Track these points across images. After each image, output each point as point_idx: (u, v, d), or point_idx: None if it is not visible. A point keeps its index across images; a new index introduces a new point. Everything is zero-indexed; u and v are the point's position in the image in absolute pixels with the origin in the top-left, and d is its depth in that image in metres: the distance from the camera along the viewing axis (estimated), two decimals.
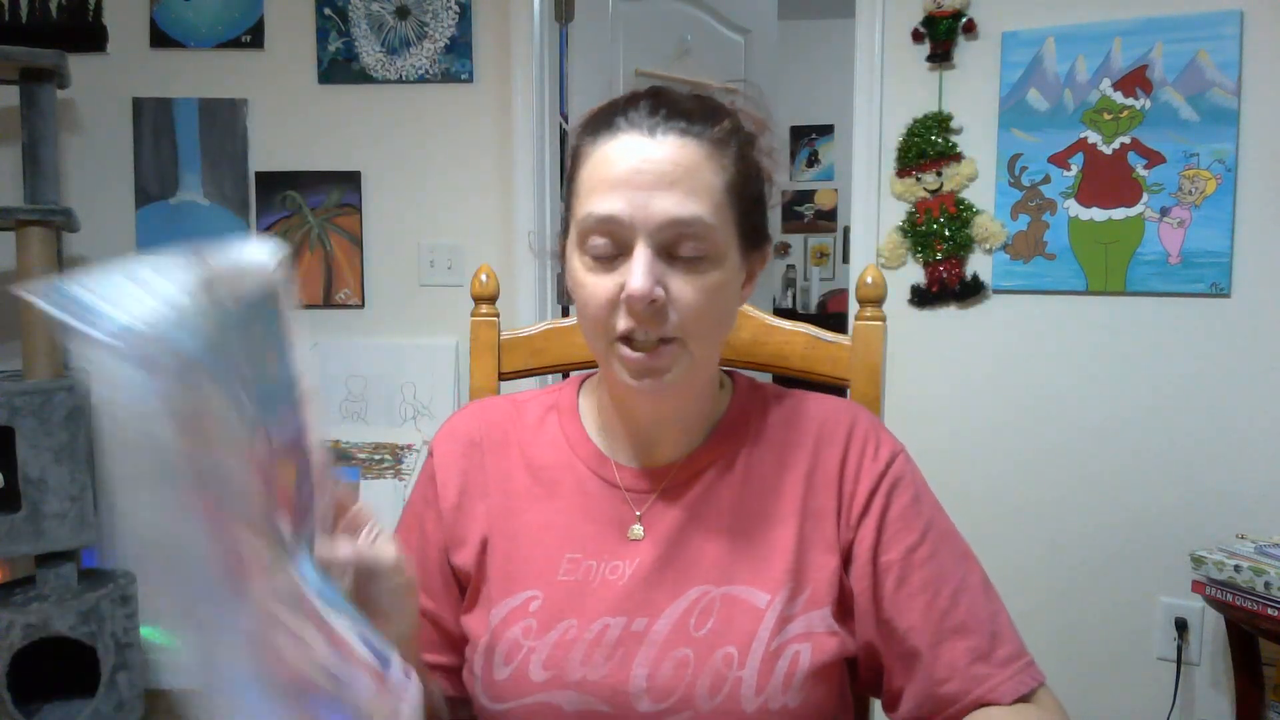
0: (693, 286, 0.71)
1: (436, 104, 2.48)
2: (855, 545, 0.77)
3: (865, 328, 1.00)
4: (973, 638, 0.75)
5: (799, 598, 0.75)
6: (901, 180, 2.21)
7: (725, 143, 0.74)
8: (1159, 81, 1.99)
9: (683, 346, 0.73)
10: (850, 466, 0.79)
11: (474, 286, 1.08)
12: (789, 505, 0.78)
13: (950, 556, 0.78)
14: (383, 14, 2.47)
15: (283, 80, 2.51)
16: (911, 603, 0.75)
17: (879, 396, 0.99)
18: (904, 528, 0.77)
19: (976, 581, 0.78)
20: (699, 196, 0.70)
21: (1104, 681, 2.11)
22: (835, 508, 0.78)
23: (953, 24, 2.14)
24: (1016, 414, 2.17)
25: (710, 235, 0.71)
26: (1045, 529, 2.14)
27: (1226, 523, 1.93)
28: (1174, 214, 1.99)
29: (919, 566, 0.76)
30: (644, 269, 0.69)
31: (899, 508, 0.78)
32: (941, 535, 0.79)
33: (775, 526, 0.78)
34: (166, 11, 2.50)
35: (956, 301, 2.20)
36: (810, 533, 0.78)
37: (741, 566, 0.76)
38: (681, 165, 0.70)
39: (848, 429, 0.81)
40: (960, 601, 0.76)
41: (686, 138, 0.71)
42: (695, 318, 0.72)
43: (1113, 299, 2.07)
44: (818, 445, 0.80)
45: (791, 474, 0.79)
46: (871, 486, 0.78)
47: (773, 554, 0.76)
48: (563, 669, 0.74)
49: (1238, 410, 1.97)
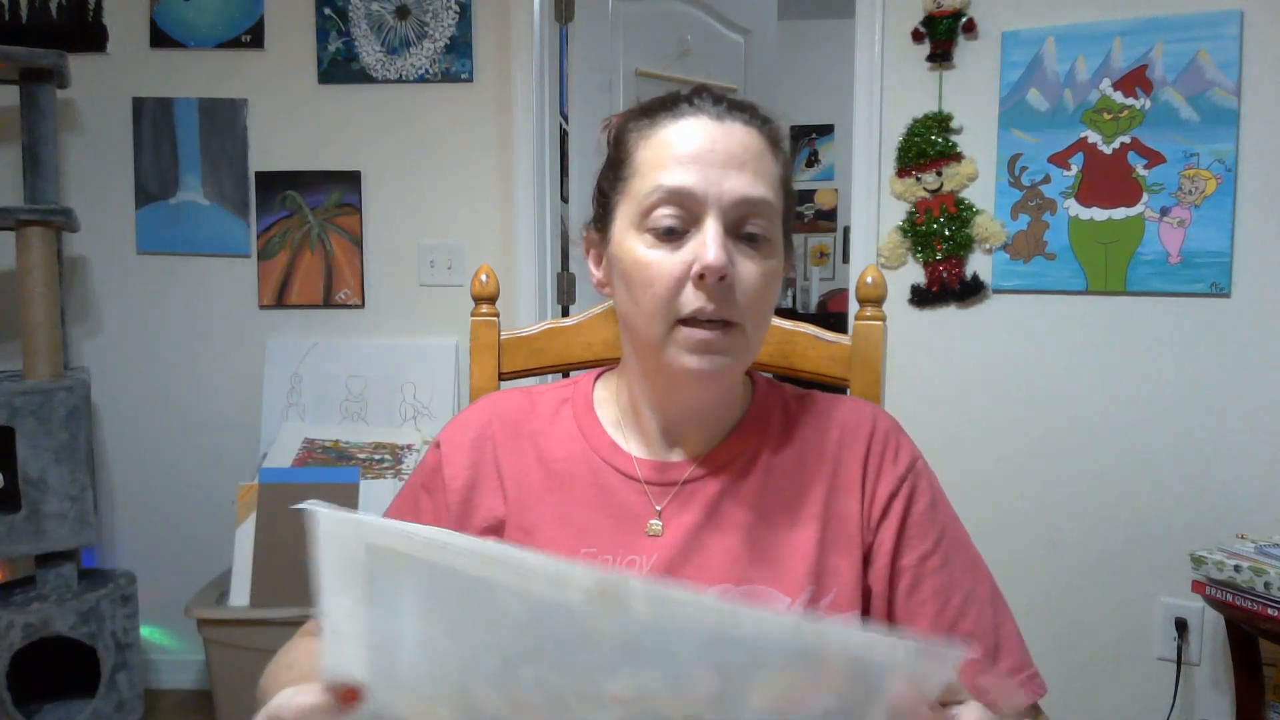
0: (757, 268, 0.73)
1: (436, 104, 2.48)
2: (875, 548, 0.78)
3: (865, 327, 1.00)
4: (980, 646, 0.75)
5: (821, 601, 0.75)
6: (901, 180, 2.21)
7: (777, 141, 0.77)
8: (1159, 81, 1.99)
9: (742, 332, 0.73)
10: (871, 468, 0.79)
11: (474, 286, 1.08)
12: (812, 507, 0.78)
13: (961, 566, 0.78)
14: (383, 14, 2.47)
15: (283, 80, 2.51)
16: (921, 610, 0.76)
17: (879, 396, 0.99)
18: (920, 534, 0.78)
19: (985, 593, 0.78)
20: (765, 180, 0.73)
21: (1104, 681, 2.11)
22: (858, 510, 0.78)
23: (953, 24, 2.14)
24: (1016, 413, 2.17)
25: (774, 219, 0.74)
26: (1045, 528, 2.14)
27: (1226, 523, 1.93)
28: (1174, 214, 1.99)
29: (931, 574, 0.76)
30: (719, 243, 0.70)
31: (918, 513, 0.78)
32: (954, 543, 0.79)
33: (797, 528, 0.77)
34: (166, 11, 2.50)
35: (956, 301, 2.20)
36: (833, 535, 0.77)
37: (761, 567, 0.76)
38: (750, 150, 0.73)
39: (869, 431, 0.81)
40: (968, 612, 0.76)
41: (750, 127, 0.75)
42: (757, 299, 0.73)
43: (1113, 299, 2.07)
44: (840, 447, 0.80)
45: (814, 475, 0.79)
46: (892, 489, 0.78)
47: (793, 555, 0.76)
48: None
49: (1238, 410, 1.97)
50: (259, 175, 2.52)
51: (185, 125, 2.52)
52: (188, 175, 2.53)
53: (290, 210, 2.52)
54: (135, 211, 2.54)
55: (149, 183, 2.53)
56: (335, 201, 2.52)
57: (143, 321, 2.57)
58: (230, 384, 2.51)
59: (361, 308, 2.53)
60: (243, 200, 2.52)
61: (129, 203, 2.54)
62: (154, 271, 2.56)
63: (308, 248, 2.53)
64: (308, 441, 2.35)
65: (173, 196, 2.53)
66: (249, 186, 2.52)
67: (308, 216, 2.52)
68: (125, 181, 2.53)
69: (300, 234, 2.52)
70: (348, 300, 2.53)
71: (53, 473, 2.10)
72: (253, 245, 2.53)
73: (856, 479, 0.79)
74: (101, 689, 2.16)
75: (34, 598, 2.12)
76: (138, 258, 2.56)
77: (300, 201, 2.52)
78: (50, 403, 2.09)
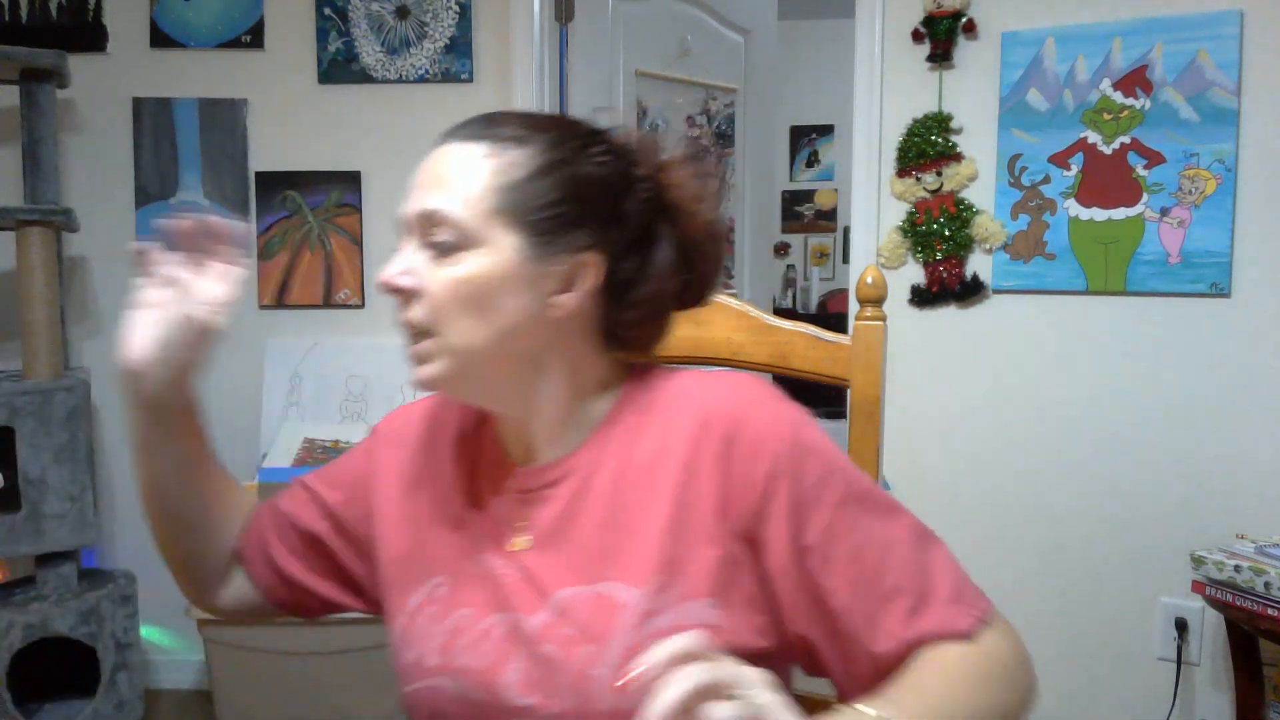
0: (441, 276, 0.74)
1: (436, 104, 2.48)
2: (765, 533, 0.74)
3: (865, 328, 1.00)
4: (906, 597, 0.72)
5: (669, 591, 0.73)
6: (901, 180, 2.21)
7: (504, 143, 0.75)
8: (1159, 81, 1.99)
9: (440, 338, 0.74)
10: (742, 449, 0.75)
11: None
12: (663, 494, 0.75)
13: (873, 517, 0.74)
14: (383, 14, 2.47)
15: (283, 80, 2.51)
16: (841, 578, 0.72)
17: (879, 396, 0.99)
18: (817, 504, 0.73)
19: (903, 534, 0.74)
20: (455, 191, 0.74)
21: (1104, 681, 2.11)
22: (719, 495, 0.74)
23: (953, 24, 2.14)
24: (1016, 414, 2.17)
25: (461, 226, 0.73)
26: (1045, 529, 2.14)
27: (1226, 523, 1.93)
28: (1174, 214, 1.99)
29: (840, 539, 0.73)
30: (397, 259, 0.75)
31: (809, 484, 0.74)
32: (859, 498, 0.75)
33: (650, 519, 0.75)
34: (166, 11, 2.50)
35: (956, 301, 2.20)
36: (686, 522, 0.74)
37: (612, 563, 0.75)
38: (454, 164, 0.75)
39: (735, 411, 0.77)
40: (888, 562, 0.73)
41: (469, 141, 0.75)
42: (444, 302, 0.73)
43: (1113, 299, 2.07)
44: (701, 430, 0.76)
45: (669, 462, 0.76)
46: (771, 469, 0.74)
47: (644, 546, 0.74)
48: (451, 656, 0.77)
49: (1238, 410, 1.97)
50: (259, 175, 2.52)
51: (185, 125, 2.52)
52: (188, 175, 2.53)
53: (290, 210, 2.52)
54: (135, 211, 2.54)
55: (149, 183, 2.53)
56: (335, 201, 2.52)
57: None
58: (230, 384, 2.51)
59: (361, 308, 2.53)
60: (243, 200, 2.52)
61: (129, 203, 2.54)
62: None
63: (308, 248, 2.53)
64: (308, 441, 2.35)
65: (173, 196, 2.53)
66: (249, 186, 2.52)
67: (308, 216, 2.52)
68: (125, 181, 2.53)
69: (300, 234, 2.52)
70: (348, 300, 2.53)
71: (53, 473, 2.09)
72: (253, 245, 2.53)
73: (718, 463, 0.75)
74: (101, 689, 2.16)
75: (34, 598, 2.12)
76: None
77: (300, 201, 2.52)
78: (50, 403, 2.09)
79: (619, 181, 0.78)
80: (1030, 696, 0.72)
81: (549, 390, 0.79)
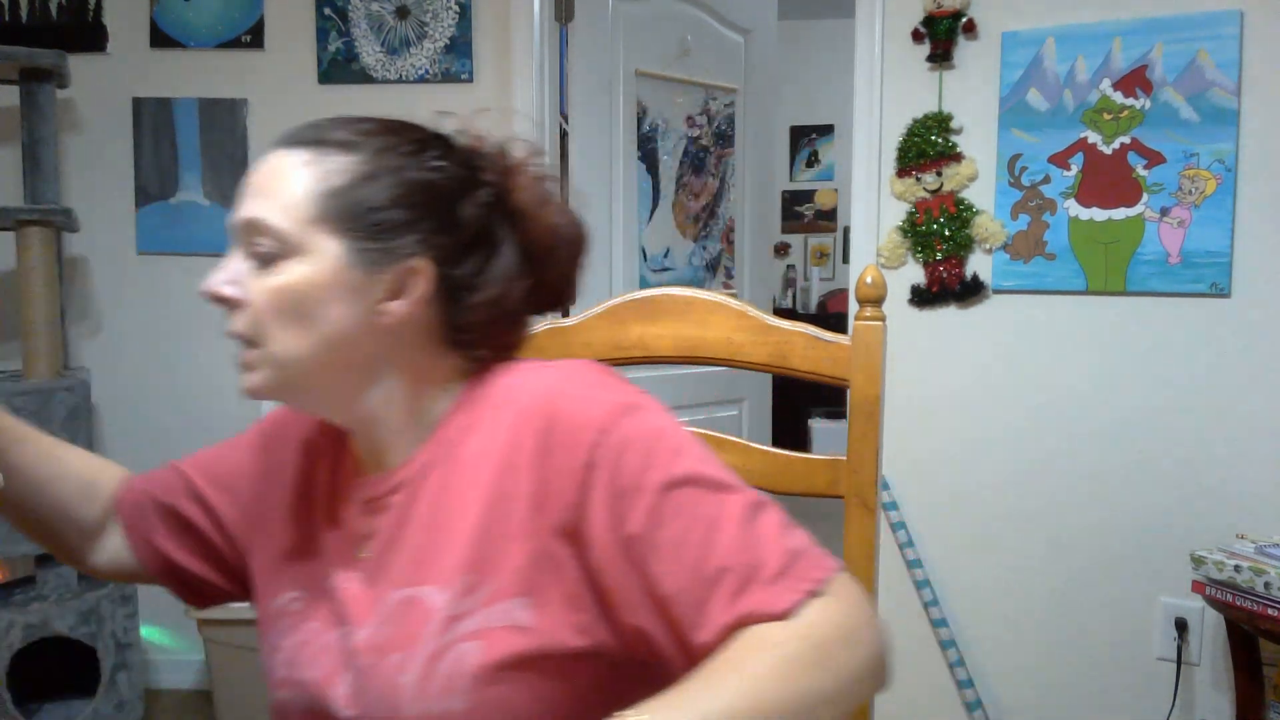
0: (263, 285, 0.73)
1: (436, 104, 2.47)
2: (586, 527, 0.70)
3: (865, 328, 1.00)
4: (732, 578, 0.66)
5: (478, 592, 0.71)
6: (901, 180, 2.21)
7: (341, 150, 0.74)
8: (1159, 81, 1.99)
9: (262, 349, 0.74)
10: (557, 442, 0.72)
11: None
12: (479, 492, 0.73)
13: (698, 497, 0.69)
14: (383, 14, 2.47)
15: (283, 80, 2.51)
16: (667, 565, 0.68)
17: (879, 396, 0.99)
18: (638, 491, 0.69)
19: (733, 511, 0.69)
20: (274, 199, 0.73)
21: (1104, 681, 2.11)
22: (534, 490, 0.72)
23: (953, 24, 2.14)
24: (1016, 414, 2.17)
25: (281, 234, 0.72)
26: (1045, 528, 2.14)
27: (1226, 523, 1.93)
28: (1174, 214, 1.99)
29: (666, 523, 0.68)
30: (221, 267, 0.74)
31: (628, 473, 0.70)
32: (685, 480, 0.70)
33: (463, 517, 0.73)
34: (166, 11, 2.50)
35: (956, 301, 2.20)
36: (499, 519, 0.72)
37: (429, 564, 0.74)
38: (274, 173, 0.74)
39: (552, 402, 0.74)
40: (715, 542, 0.67)
41: (290, 148, 0.75)
42: (265, 313, 0.73)
43: (1113, 299, 2.07)
44: (520, 423, 0.74)
45: (489, 459, 0.74)
46: (587, 459, 0.70)
47: (455, 546, 0.73)
48: (294, 670, 0.78)
49: (1238, 410, 1.97)
50: None
51: (185, 125, 2.52)
52: (188, 175, 2.53)
53: None
54: (135, 211, 2.54)
55: (149, 183, 2.53)
56: None
57: (143, 321, 2.57)
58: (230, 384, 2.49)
59: None
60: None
61: (129, 203, 2.54)
62: (154, 271, 2.56)
63: None
64: None
65: (173, 196, 2.53)
66: None
67: None
68: (125, 181, 2.54)
69: None
70: None
71: None
72: None
73: (533, 455, 0.72)
74: (101, 689, 2.16)
75: (34, 598, 2.12)
76: (138, 258, 2.56)
77: None
78: (50, 403, 2.09)
79: (456, 186, 0.77)
80: (857, 673, 0.65)
81: (388, 397, 0.77)
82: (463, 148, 0.80)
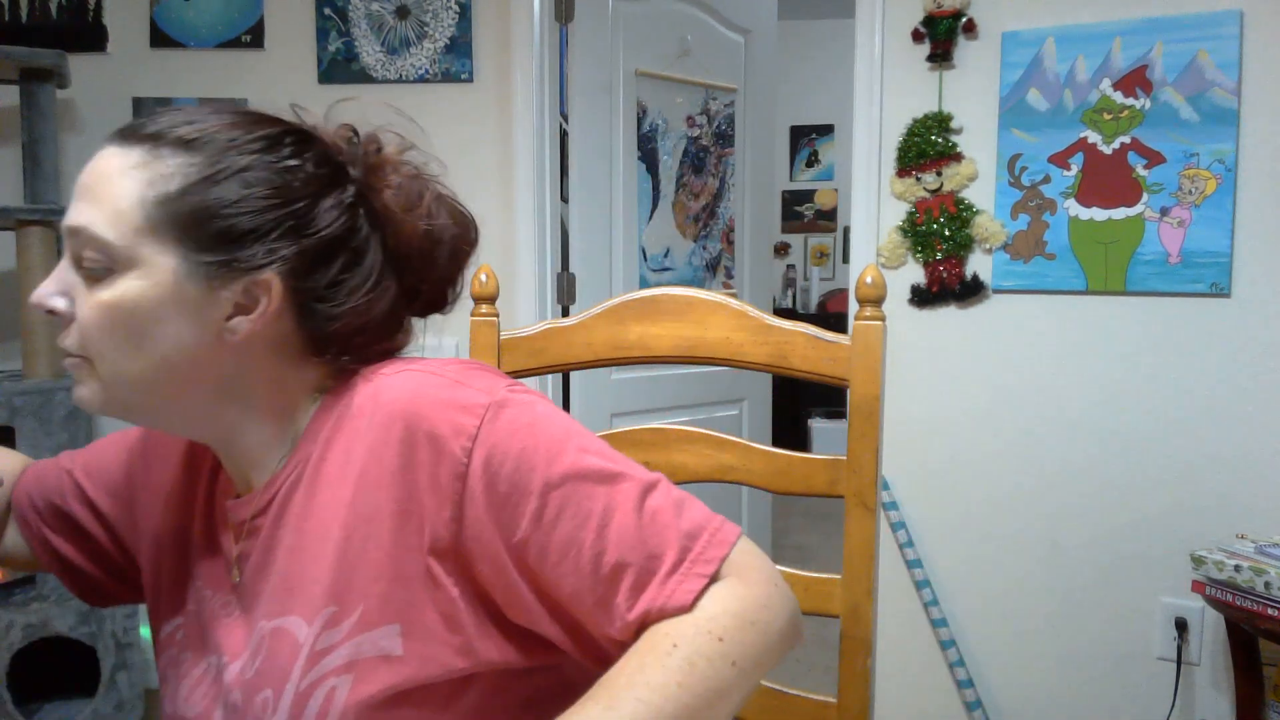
0: (90, 300, 0.66)
1: (436, 104, 2.48)
2: (466, 543, 0.65)
3: (865, 328, 1.00)
4: (630, 571, 0.63)
5: (344, 622, 0.65)
6: (901, 180, 2.21)
7: (177, 150, 0.66)
8: (1159, 81, 1.99)
9: (90, 364, 0.67)
10: (422, 454, 0.66)
11: (473, 286, 1.08)
12: (336, 512, 0.67)
13: (585, 491, 0.65)
14: (383, 14, 2.47)
15: (283, 80, 2.51)
16: (562, 567, 0.64)
17: (879, 396, 0.99)
18: (521, 494, 0.64)
19: (622, 500, 0.65)
20: (102, 205, 0.65)
21: (1104, 681, 2.11)
22: (398, 508, 0.66)
23: (953, 24, 2.14)
24: (1016, 413, 2.17)
25: (108, 246, 0.65)
26: (1045, 529, 2.14)
27: (1226, 523, 1.93)
28: (1174, 214, 1.99)
29: (555, 524, 0.64)
30: (52, 276, 0.68)
31: (505, 477, 0.65)
32: (569, 474, 0.65)
33: (322, 540, 0.67)
34: (166, 11, 2.50)
35: (956, 301, 2.20)
36: (359, 541, 0.66)
37: (295, 593, 0.67)
38: (101, 174, 0.66)
39: (414, 409, 0.67)
40: (608, 535, 0.64)
41: (124, 146, 0.67)
42: (91, 330, 0.66)
43: (1113, 299, 2.07)
44: (382, 434, 0.67)
45: (346, 477, 0.68)
46: (457, 470, 0.65)
47: (318, 573, 0.67)
48: (176, 704, 0.74)
49: (1237, 410, 1.97)
50: None
51: None
52: None
53: None
54: None
55: None
56: None
57: None
58: None
59: None
60: None
61: None
62: None
63: None
64: None
65: None
66: None
67: None
68: None
69: None
70: None
71: None
72: None
73: (397, 473, 0.66)
74: (101, 689, 2.16)
75: (34, 598, 2.12)
76: None
77: None
78: (50, 403, 2.09)
79: (312, 187, 0.69)
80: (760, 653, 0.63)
81: (244, 415, 0.71)
82: (323, 143, 0.72)
